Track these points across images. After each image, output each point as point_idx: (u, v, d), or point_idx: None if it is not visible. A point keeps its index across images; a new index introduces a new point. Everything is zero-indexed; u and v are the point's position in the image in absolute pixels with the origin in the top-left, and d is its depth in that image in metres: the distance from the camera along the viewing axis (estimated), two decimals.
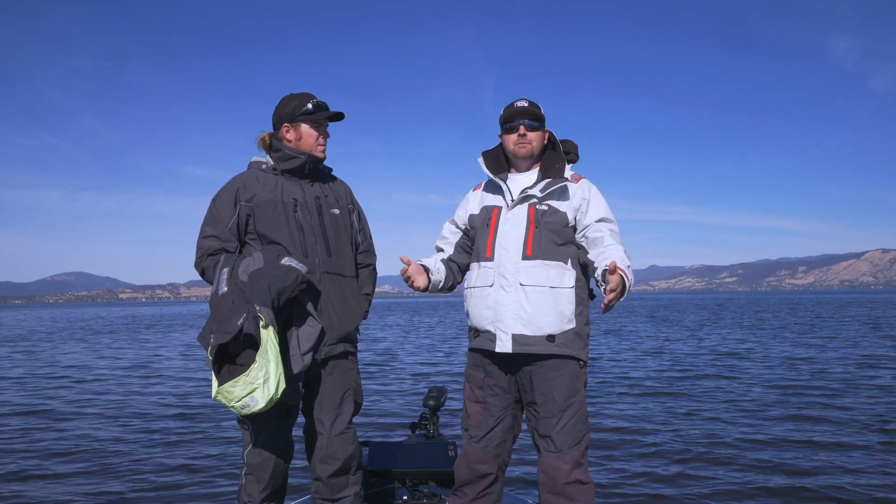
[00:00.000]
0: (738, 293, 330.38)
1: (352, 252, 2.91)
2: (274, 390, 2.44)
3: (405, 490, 3.33)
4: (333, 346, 2.77)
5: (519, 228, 2.67)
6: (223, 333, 2.46)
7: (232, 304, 2.50)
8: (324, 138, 2.83)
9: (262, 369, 2.42)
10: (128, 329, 33.94)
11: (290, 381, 2.60)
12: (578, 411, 2.62)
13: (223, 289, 2.55)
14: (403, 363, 14.87)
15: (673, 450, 6.43)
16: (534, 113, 2.72)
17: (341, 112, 2.84)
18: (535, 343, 2.60)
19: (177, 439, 7.03)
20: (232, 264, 2.61)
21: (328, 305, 2.75)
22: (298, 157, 2.78)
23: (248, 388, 2.42)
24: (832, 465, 5.84)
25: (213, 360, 2.50)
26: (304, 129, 2.78)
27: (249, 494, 2.78)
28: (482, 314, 2.71)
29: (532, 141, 2.73)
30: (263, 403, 2.44)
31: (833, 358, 14.21)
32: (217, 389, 2.48)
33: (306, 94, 2.82)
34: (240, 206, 2.74)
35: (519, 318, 2.61)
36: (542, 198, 2.67)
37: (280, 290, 2.51)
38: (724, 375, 11.75)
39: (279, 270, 2.53)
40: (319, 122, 2.80)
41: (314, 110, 2.78)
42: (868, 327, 24.80)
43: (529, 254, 2.63)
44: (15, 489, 5.41)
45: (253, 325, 2.44)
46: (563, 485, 2.56)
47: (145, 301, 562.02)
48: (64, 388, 11.62)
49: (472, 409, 2.83)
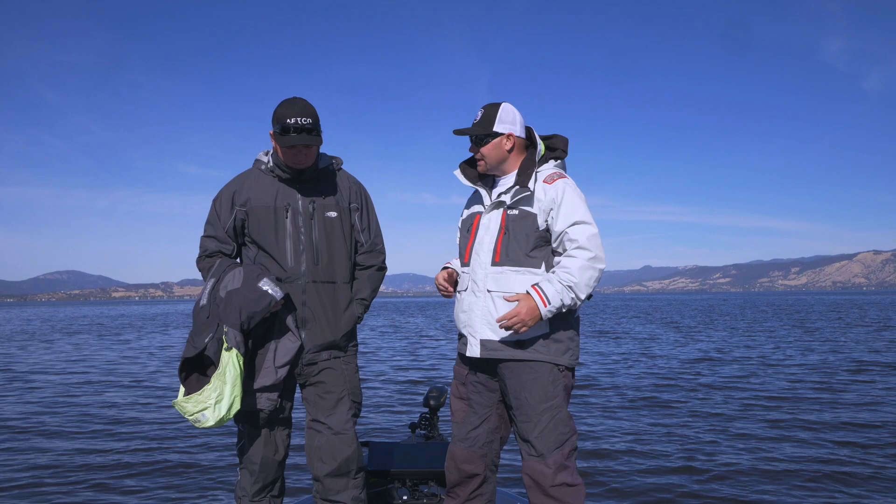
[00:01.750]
0: (731, 294, 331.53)
1: (347, 256, 2.84)
2: (225, 412, 2.53)
3: (405, 490, 3.32)
4: (316, 353, 2.76)
5: (491, 234, 2.67)
6: (191, 347, 2.56)
7: (206, 320, 2.58)
8: (301, 155, 2.68)
9: (215, 391, 2.51)
10: (104, 329, 33.07)
11: (264, 391, 2.66)
12: (557, 415, 2.60)
13: (203, 301, 2.63)
14: (404, 363, 14.87)
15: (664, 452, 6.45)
16: (475, 131, 2.67)
17: (313, 139, 2.64)
18: (502, 348, 2.62)
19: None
20: (219, 275, 2.66)
21: (312, 316, 2.74)
22: (285, 170, 2.74)
23: (199, 406, 2.52)
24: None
25: (179, 369, 2.61)
26: (279, 148, 2.68)
27: (243, 488, 2.82)
28: (459, 318, 2.77)
29: (485, 156, 2.70)
30: (213, 422, 2.53)
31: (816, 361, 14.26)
32: (176, 400, 2.59)
33: (292, 105, 2.65)
34: (236, 209, 2.75)
35: (487, 324, 2.64)
36: (511, 204, 2.65)
37: (251, 315, 2.56)
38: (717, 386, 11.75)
39: (253, 294, 2.56)
40: (290, 145, 2.65)
41: (282, 132, 2.62)
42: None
43: (497, 260, 2.63)
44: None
45: (214, 347, 2.53)
46: (549, 488, 2.56)
47: (138, 300, 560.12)
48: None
49: (456, 405, 2.85)
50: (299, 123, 2.61)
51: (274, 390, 2.69)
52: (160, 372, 13.67)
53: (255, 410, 2.69)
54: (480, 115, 2.70)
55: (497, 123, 2.67)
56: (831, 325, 27.70)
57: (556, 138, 2.80)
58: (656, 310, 52.56)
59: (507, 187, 2.70)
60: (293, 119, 2.61)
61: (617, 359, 14.91)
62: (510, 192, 2.67)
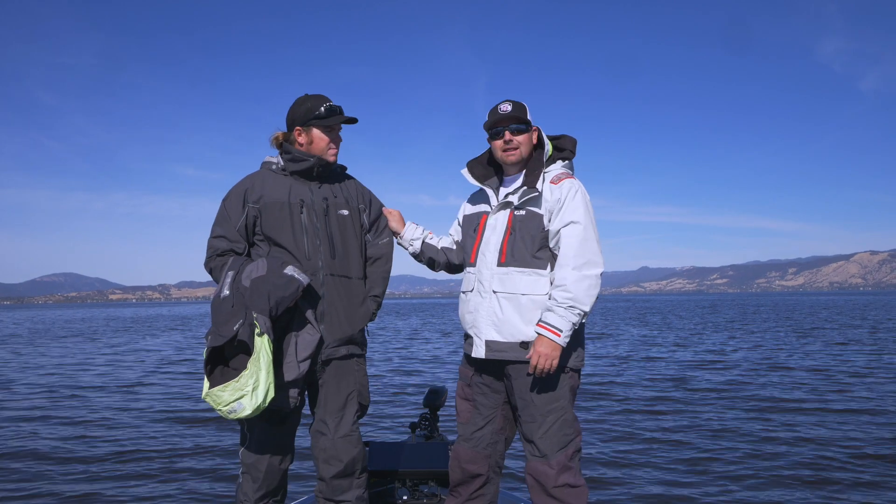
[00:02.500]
0: (729, 294, 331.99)
1: (360, 253, 2.88)
2: (262, 399, 2.47)
3: (405, 490, 3.32)
4: (336, 348, 2.76)
5: (497, 235, 2.68)
6: (218, 336, 2.51)
7: (231, 309, 2.54)
8: (336, 143, 2.81)
9: (252, 377, 2.46)
10: (92, 332, 32.75)
11: (286, 388, 2.63)
12: (562, 416, 2.61)
13: (225, 292, 2.59)
14: (404, 363, 14.87)
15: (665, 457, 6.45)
16: (518, 116, 2.67)
17: (354, 117, 2.81)
18: (507, 349, 2.62)
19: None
20: (237, 268, 2.64)
21: (331, 309, 2.75)
22: (308, 160, 2.76)
23: (237, 394, 2.46)
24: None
25: (205, 362, 2.54)
26: (315, 134, 2.77)
27: (245, 493, 2.79)
28: (465, 318, 2.77)
29: (520, 145, 2.69)
30: (250, 410, 2.47)
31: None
32: (207, 391, 2.52)
33: (320, 95, 2.79)
34: (248, 207, 2.75)
35: (492, 325, 2.64)
36: (519, 204, 2.65)
37: (279, 300, 2.54)
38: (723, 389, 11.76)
39: (281, 280, 2.55)
40: (332, 128, 2.78)
41: (326, 114, 2.75)
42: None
43: (503, 261, 2.63)
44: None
45: (248, 332, 2.48)
46: (551, 488, 2.56)
47: (135, 302, 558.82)
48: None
49: (462, 406, 2.85)
50: (334, 105, 2.77)
51: (296, 386, 2.67)
52: (149, 374, 13.64)
53: (277, 408, 2.63)
54: (511, 105, 2.68)
55: (529, 116, 2.70)
56: (831, 326, 27.73)
57: (565, 139, 2.80)
58: (655, 311, 52.59)
59: (515, 188, 2.70)
60: (327, 104, 2.76)
61: (615, 362, 14.92)
62: (518, 193, 2.67)
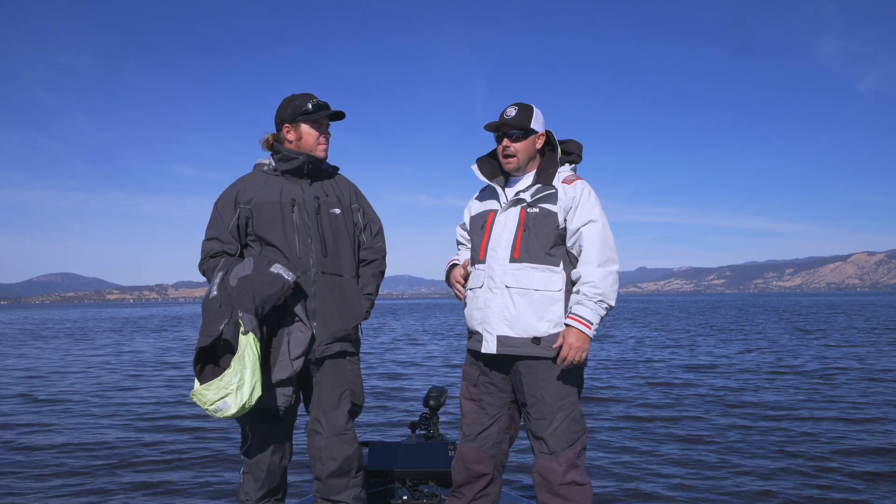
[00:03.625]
0: (726, 295, 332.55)
1: (353, 252, 2.91)
2: (247, 397, 2.47)
3: (405, 490, 3.33)
4: (328, 345, 2.77)
5: (509, 231, 2.69)
6: (205, 336, 2.53)
7: (219, 309, 2.57)
8: (325, 138, 2.85)
9: (236, 375, 2.46)
10: (79, 333, 31.89)
11: (279, 386, 2.64)
12: (571, 413, 2.63)
13: (213, 292, 2.62)
14: (402, 363, 14.87)
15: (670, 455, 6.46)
16: (517, 124, 2.69)
17: (341, 111, 2.86)
18: (520, 345, 2.63)
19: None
20: (227, 268, 2.67)
21: (323, 306, 2.76)
22: (297, 157, 2.79)
23: (221, 392, 2.47)
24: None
25: (195, 362, 2.57)
26: (304, 130, 2.80)
27: (247, 493, 2.80)
28: (473, 315, 2.77)
29: (517, 153, 2.72)
30: (235, 409, 2.47)
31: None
32: (193, 391, 2.54)
33: (307, 94, 2.84)
34: (239, 208, 2.77)
35: (504, 320, 2.64)
36: (532, 202, 2.68)
37: (265, 298, 2.55)
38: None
39: (266, 278, 2.57)
40: (320, 122, 2.82)
41: (314, 110, 2.79)
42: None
43: (517, 256, 2.65)
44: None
45: (232, 331, 2.50)
46: (558, 486, 2.57)
47: (132, 302, 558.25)
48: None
49: (467, 406, 2.85)
50: (321, 102, 2.82)
51: (290, 384, 2.68)
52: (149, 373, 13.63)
53: (270, 407, 2.65)
54: (515, 111, 2.71)
55: (533, 122, 2.72)
56: (833, 327, 27.80)
57: (571, 143, 2.85)
58: (653, 312, 52.64)
59: (526, 185, 2.73)
60: (314, 100, 2.81)
61: (613, 364, 14.92)
62: (530, 191, 2.69)
